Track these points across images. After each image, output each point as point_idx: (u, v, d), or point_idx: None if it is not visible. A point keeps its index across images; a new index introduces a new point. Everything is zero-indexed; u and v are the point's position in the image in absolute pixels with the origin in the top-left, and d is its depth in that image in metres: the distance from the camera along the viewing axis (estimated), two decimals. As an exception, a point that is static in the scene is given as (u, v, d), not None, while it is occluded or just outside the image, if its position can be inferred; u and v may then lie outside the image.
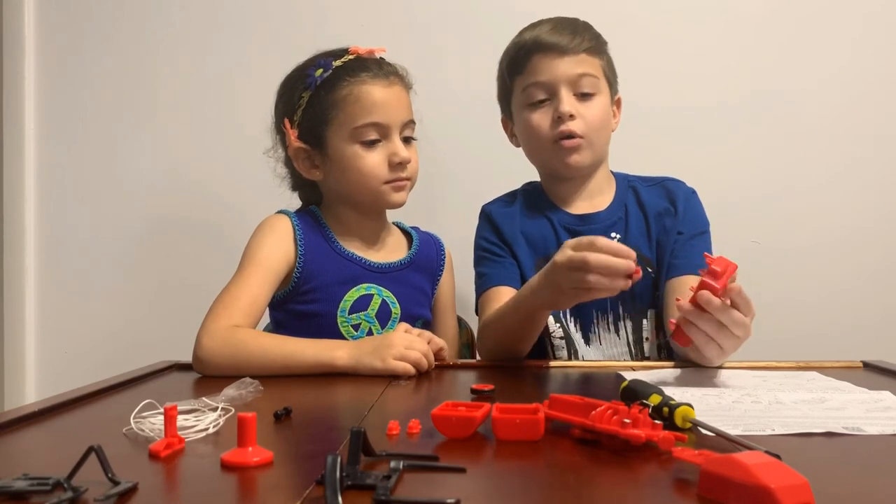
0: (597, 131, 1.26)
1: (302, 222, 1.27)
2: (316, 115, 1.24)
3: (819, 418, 0.72)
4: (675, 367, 1.07)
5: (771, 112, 1.78)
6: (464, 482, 0.55)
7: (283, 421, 0.75)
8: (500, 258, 1.30)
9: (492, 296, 1.26)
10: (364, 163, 1.22)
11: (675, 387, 0.89)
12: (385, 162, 1.22)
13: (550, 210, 1.33)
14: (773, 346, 1.68)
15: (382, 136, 1.23)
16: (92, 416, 0.81)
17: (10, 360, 1.86)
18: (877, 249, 1.77)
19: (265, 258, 1.20)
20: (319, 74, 1.23)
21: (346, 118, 1.22)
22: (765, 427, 0.68)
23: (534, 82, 1.27)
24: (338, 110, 1.22)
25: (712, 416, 0.72)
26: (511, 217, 1.33)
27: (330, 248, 1.26)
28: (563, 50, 1.24)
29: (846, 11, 1.77)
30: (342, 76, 1.22)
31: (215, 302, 1.15)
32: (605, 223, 1.29)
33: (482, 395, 0.87)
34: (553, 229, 1.30)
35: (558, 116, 1.24)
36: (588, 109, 1.25)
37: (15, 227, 1.86)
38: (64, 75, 1.86)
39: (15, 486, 0.50)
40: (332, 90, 1.22)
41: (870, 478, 0.56)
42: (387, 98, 1.22)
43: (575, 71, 1.24)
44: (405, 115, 1.25)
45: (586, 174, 1.31)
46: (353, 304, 1.23)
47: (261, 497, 0.54)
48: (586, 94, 1.25)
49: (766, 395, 0.84)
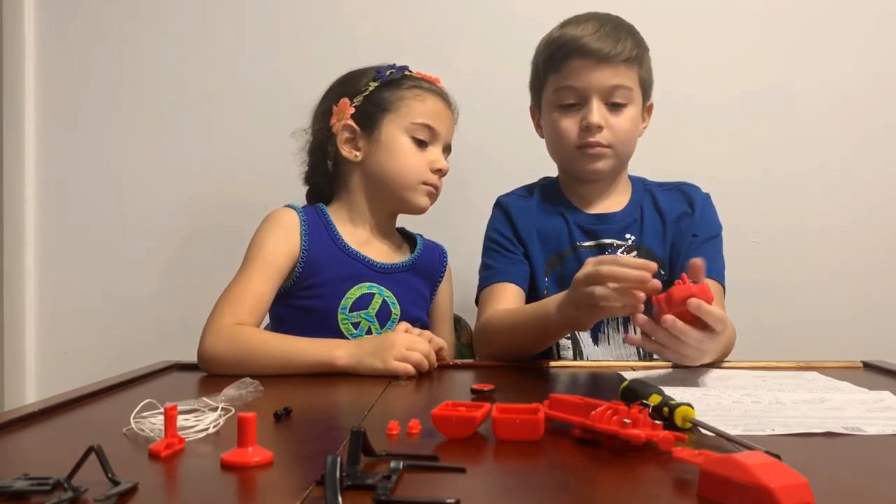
0: (624, 143, 1.27)
1: (308, 217, 1.28)
2: (378, 102, 1.30)
3: (819, 418, 0.72)
4: (674, 368, 1.07)
5: (772, 112, 1.78)
6: (464, 482, 0.55)
7: (283, 421, 0.75)
8: (511, 254, 1.30)
9: (496, 291, 1.25)
10: (410, 156, 1.28)
11: (674, 387, 0.89)
12: (427, 164, 1.29)
13: (566, 208, 1.33)
14: (773, 346, 1.69)
15: (430, 141, 1.30)
16: (92, 416, 0.81)
17: (10, 360, 1.86)
18: (877, 250, 1.77)
19: (270, 253, 1.21)
20: (390, 74, 1.31)
21: (408, 112, 1.29)
22: (765, 427, 0.68)
23: (567, 86, 1.26)
24: (401, 103, 1.29)
25: (712, 417, 0.72)
26: (528, 212, 1.33)
27: (334, 245, 1.27)
28: (601, 58, 1.22)
29: (853, 11, 1.77)
30: (410, 81, 1.31)
31: (220, 299, 1.15)
32: (621, 224, 1.30)
33: (482, 395, 0.87)
34: (567, 227, 1.30)
35: (587, 126, 1.24)
36: (618, 120, 1.25)
37: (15, 227, 1.85)
38: (64, 75, 1.86)
39: (15, 486, 0.50)
40: (399, 87, 1.30)
41: (870, 478, 0.56)
42: (444, 113, 1.32)
43: (610, 82, 1.23)
44: (450, 136, 1.34)
45: (609, 178, 1.32)
46: (355, 302, 1.24)
47: (261, 497, 0.54)
48: (618, 104, 1.25)
49: (766, 395, 0.84)
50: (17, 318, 1.85)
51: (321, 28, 1.81)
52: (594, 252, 1.27)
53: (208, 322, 1.11)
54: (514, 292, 1.25)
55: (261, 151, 1.78)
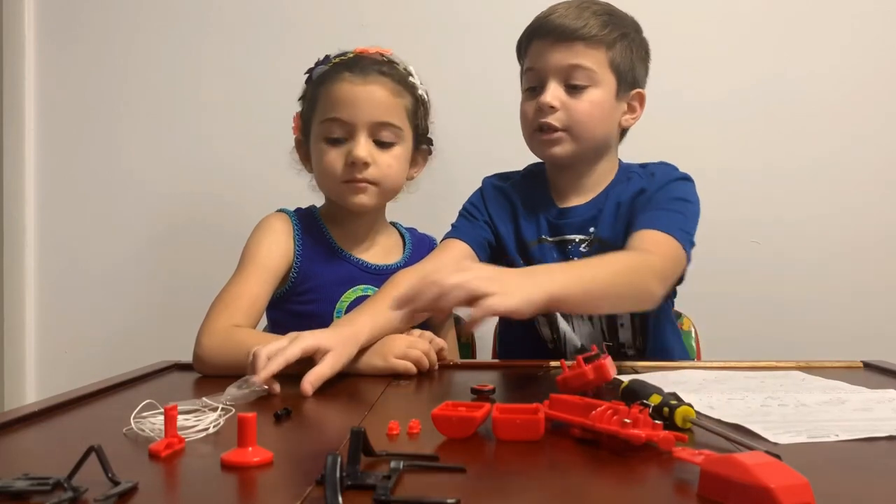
0: (582, 124, 1.20)
1: (300, 222, 1.27)
2: (308, 107, 1.26)
3: (868, 420, 0.71)
4: (673, 369, 1.07)
5: (772, 112, 1.78)
6: (464, 482, 0.55)
7: (283, 421, 0.75)
8: (475, 219, 1.30)
9: (444, 245, 1.26)
10: (323, 159, 1.22)
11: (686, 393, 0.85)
12: (342, 160, 1.20)
13: (540, 199, 1.30)
14: (772, 346, 1.69)
15: (348, 134, 1.20)
16: (92, 416, 0.81)
17: (10, 360, 1.86)
18: (877, 249, 1.77)
19: (265, 257, 1.20)
20: (318, 68, 1.25)
21: (319, 113, 1.22)
22: (829, 433, 0.66)
23: (528, 68, 1.24)
24: (317, 102, 1.23)
25: (760, 422, 0.69)
26: (503, 194, 1.31)
27: (328, 249, 1.26)
28: (557, 37, 1.19)
29: (856, 11, 1.77)
30: (332, 73, 1.22)
31: (215, 301, 1.15)
32: (582, 218, 1.26)
33: (482, 395, 0.87)
34: (536, 220, 1.28)
35: (539, 107, 1.20)
36: (576, 102, 1.19)
37: (15, 227, 1.85)
38: (64, 76, 1.86)
39: (15, 486, 0.50)
40: (321, 82, 1.23)
41: (870, 478, 0.56)
42: (355, 96, 1.19)
43: (567, 61, 1.19)
44: (376, 116, 1.20)
45: (581, 166, 1.26)
46: (350, 305, 1.23)
47: (261, 497, 0.54)
48: (577, 85, 1.19)
49: (787, 397, 0.82)
50: (17, 318, 1.86)
51: (326, 28, 1.80)
52: (556, 248, 1.26)
53: (203, 325, 1.10)
54: (460, 249, 1.24)
55: (264, 152, 1.77)
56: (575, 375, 0.85)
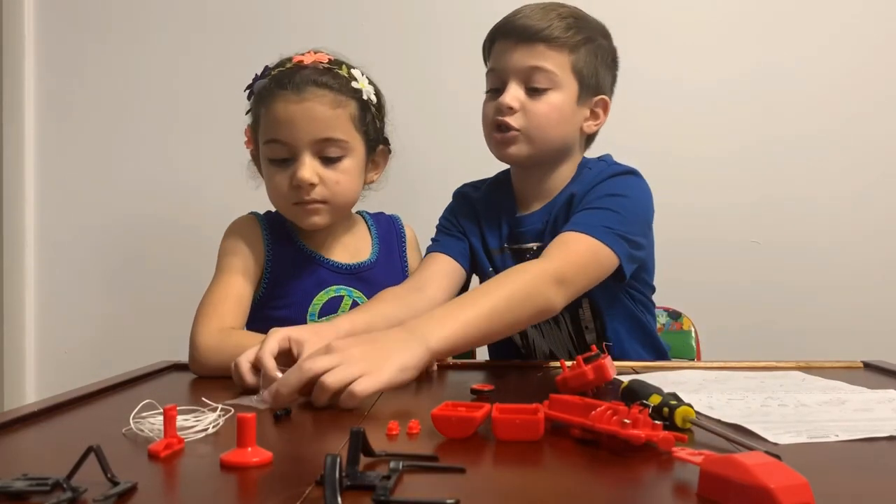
0: (540, 128, 1.17)
1: (269, 225, 1.26)
2: (254, 122, 1.23)
3: (868, 420, 0.70)
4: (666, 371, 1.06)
5: (773, 112, 1.78)
6: (464, 482, 0.54)
7: (282, 421, 0.75)
8: (451, 233, 1.30)
9: (432, 258, 1.25)
10: (271, 183, 1.19)
11: (686, 393, 0.86)
12: (288, 182, 1.16)
13: (505, 207, 1.28)
14: (772, 346, 1.69)
15: (291, 154, 1.16)
16: (92, 416, 0.80)
17: (10, 360, 1.86)
18: (877, 249, 1.78)
19: (240, 259, 1.20)
20: (257, 83, 1.20)
21: (262, 133, 1.19)
22: (828, 433, 0.66)
23: (491, 68, 1.23)
24: (260, 123, 1.20)
25: (760, 423, 0.69)
26: (472, 205, 1.31)
27: (296, 251, 1.25)
28: (518, 38, 1.17)
29: (859, 11, 1.77)
30: (270, 90, 1.17)
31: (202, 304, 1.14)
32: (535, 226, 1.24)
33: (482, 395, 0.87)
34: (500, 228, 1.27)
35: (497, 107, 1.18)
36: (534, 105, 1.17)
37: (15, 227, 1.86)
38: (63, 74, 1.86)
39: (14, 486, 0.50)
40: (260, 102, 1.20)
41: (870, 478, 0.56)
42: (292, 115, 1.14)
43: (526, 63, 1.17)
44: (317, 133, 1.15)
45: (540, 171, 1.24)
46: (323, 307, 1.22)
47: (260, 497, 0.54)
48: (537, 88, 1.17)
49: (787, 397, 0.82)
50: (17, 318, 1.86)
51: (322, 33, 1.80)
52: (516, 255, 1.25)
53: (195, 328, 1.09)
54: (443, 261, 1.24)
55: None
56: (575, 375, 0.85)
